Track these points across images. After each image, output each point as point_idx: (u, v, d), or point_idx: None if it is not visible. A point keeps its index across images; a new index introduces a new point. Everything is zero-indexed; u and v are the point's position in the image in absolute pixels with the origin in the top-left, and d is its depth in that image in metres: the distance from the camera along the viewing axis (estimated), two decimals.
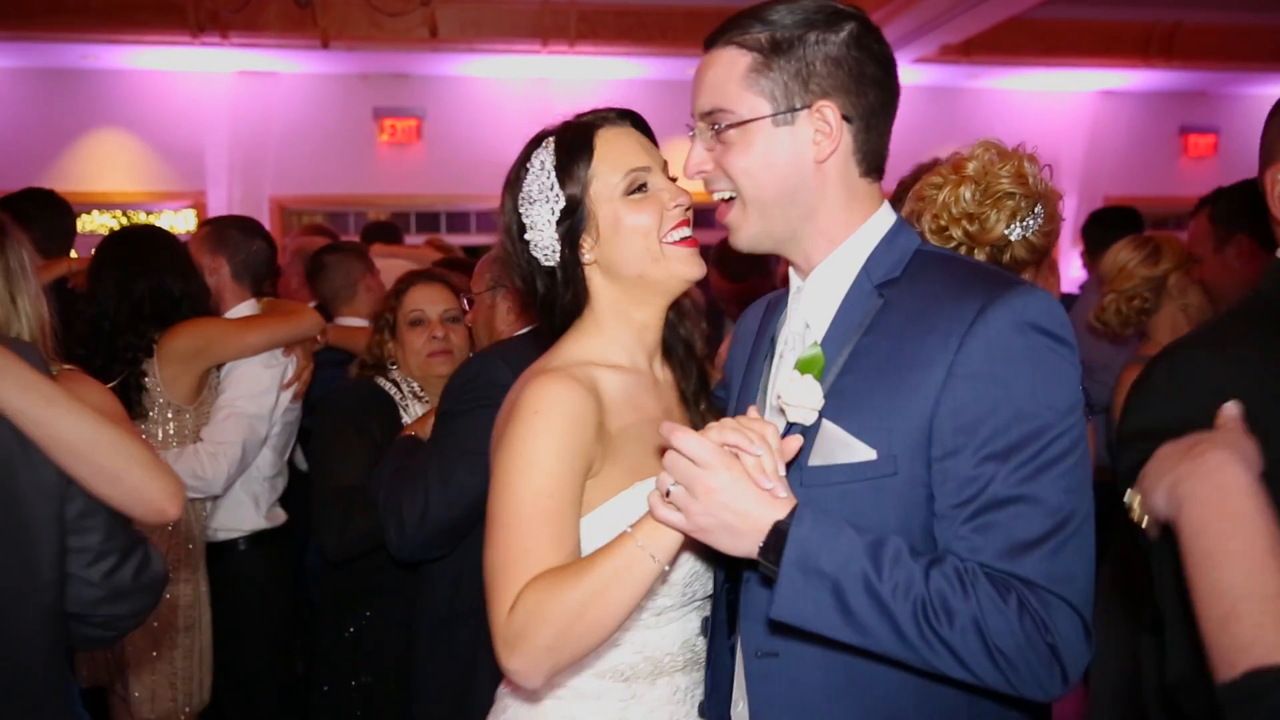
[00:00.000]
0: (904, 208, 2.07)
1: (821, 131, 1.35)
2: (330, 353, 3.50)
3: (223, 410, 3.00)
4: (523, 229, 1.58)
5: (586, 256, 1.55)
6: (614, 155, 1.55)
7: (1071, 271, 7.96)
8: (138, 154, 8.46)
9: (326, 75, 8.63)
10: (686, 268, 1.54)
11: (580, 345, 1.57)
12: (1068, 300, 4.37)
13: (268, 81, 8.53)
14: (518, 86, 8.85)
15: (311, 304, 4.15)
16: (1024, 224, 1.95)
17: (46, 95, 8.27)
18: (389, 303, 2.90)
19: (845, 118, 1.35)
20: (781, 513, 1.22)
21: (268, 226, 8.49)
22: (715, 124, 1.39)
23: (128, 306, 2.89)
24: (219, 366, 3.07)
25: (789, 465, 1.30)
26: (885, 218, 1.42)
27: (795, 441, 1.28)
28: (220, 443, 2.93)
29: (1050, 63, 8.91)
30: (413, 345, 2.82)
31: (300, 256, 4.37)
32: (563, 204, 1.54)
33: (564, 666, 1.36)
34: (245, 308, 3.22)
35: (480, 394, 2.19)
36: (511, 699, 1.59)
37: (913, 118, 9.61)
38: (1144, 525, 1.18)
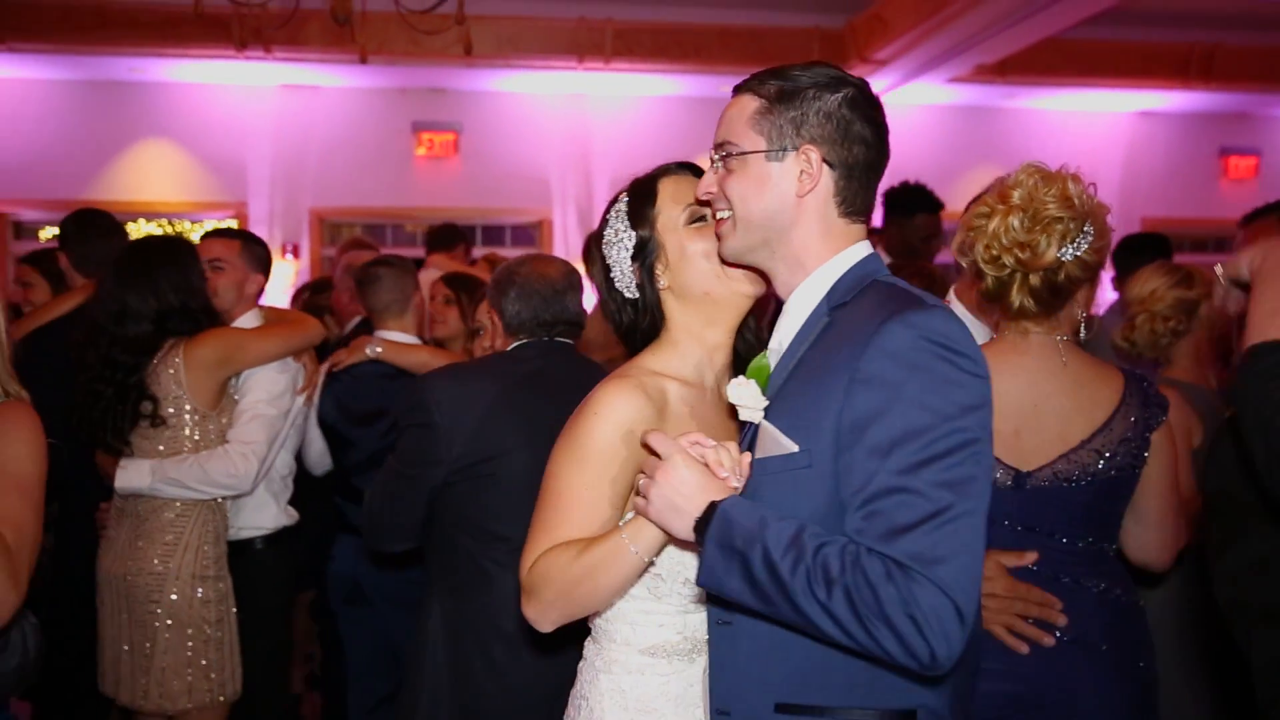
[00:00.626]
0: (955, 237, 2.14)
1: (805, 171, 1.57)
2: (377, 365, 3.57)
3: (246, 413, 3.13)
4: (608, 270, 1.83)
5: (661, 283, 1.78)
6: (674, 195, 1.80)
7: (1105, 294, 7.91)
8: (182, 165, 8.64)
9: (366, 89, 8.78)
10: (745, 285, 1.74)
11: (655, 358, 1.79)
12: (1090, 321, 4.32)
13: (309, 95, 8.69)
14: (554, 102, 8.95)
15: (362, 314, 4.27)
16: (1075, 244, 2.02)
17: (95, 107, 8.48)
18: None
19: (829, 164, 1.57)
20: (719, 496, 1.46)
21: (307, 237, 8.74)
22: (723, 154, 1.62)
23: (123, 334, 3.00)
24: (237, 374, 3.19)
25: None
26: (858, 253, 1.62)
27: (747, 457, 1.53)
28: (249, 442, 3.06)
29: (1086, 83, 8.88)
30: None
31: (351, 272, 4.44)
32: (635, 240, 1.79)
33: (567, 620, 1.66)
34: (251, 317, 3.37)
35: (411, 417, 2.55)
36: (580, 677, 1.82)
37: (948, 137, 9.64)
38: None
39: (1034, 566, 2.09)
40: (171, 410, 3.03)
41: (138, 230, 8.40)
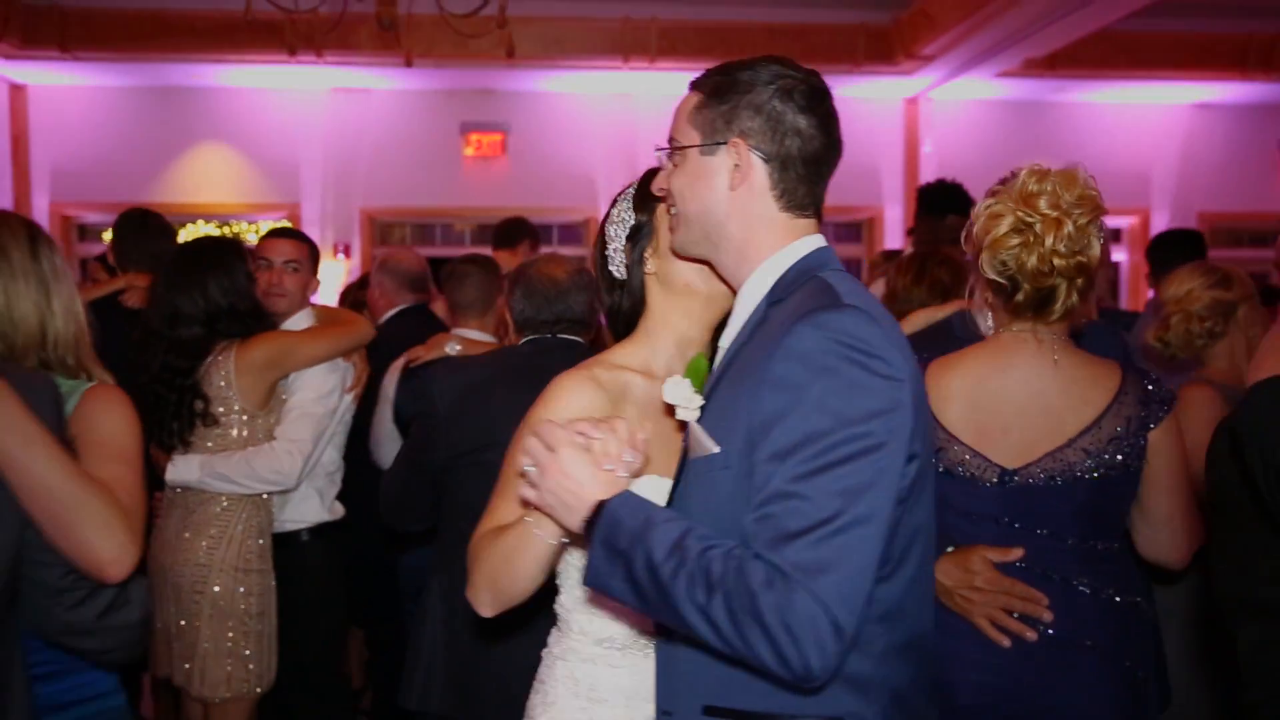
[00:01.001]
0: (982, 258, 2.09)
1: (737, 165, 1.55)
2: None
3: (294, 411, 3.21)
4: (604, 246, 1.85)
5: (649, 267, 1.78)
6: None
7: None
8: (237, 167, 8.85)
9: (415, 91, 8.91)
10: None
11: (625, 351, 1.80)
12: (1129, 319, 4.26)
13: (359, 98, 8.85)
14: (600, 102, 9.01)
15: (393, 309, 4.37)
16: (1100, 235, 2.05)
17: (154, 112, 8.71)
18: None
19: (762, 157, 1.54)
20: (608, 494, 1.42)
21: (358, 237, 8.91)
22: (668, 149, 1.64)
23: (177, 338, 3.12)
24: (286, 375, 3.27)
25: (682, 459, 1.56)
26: (804, 247, 1.58)
27: (642, 432, 1.47)
28: (295, 440, 3.15)
29: (1140, 75, 8.69)
30: None
31: (383, 268, 4.54)
32: (633, 222, 1.81)
33: (503, 603, 1.63)
34: (304, 317, 3.46)
35: (419, 406, 2.78)
36: (542, 662, 1.87)
37: (997, 132, 9.51)
38: None
39: (1022, 564, 2.07)
40: (221, 410, 3.13)
41: (196, 231, 8.63)
